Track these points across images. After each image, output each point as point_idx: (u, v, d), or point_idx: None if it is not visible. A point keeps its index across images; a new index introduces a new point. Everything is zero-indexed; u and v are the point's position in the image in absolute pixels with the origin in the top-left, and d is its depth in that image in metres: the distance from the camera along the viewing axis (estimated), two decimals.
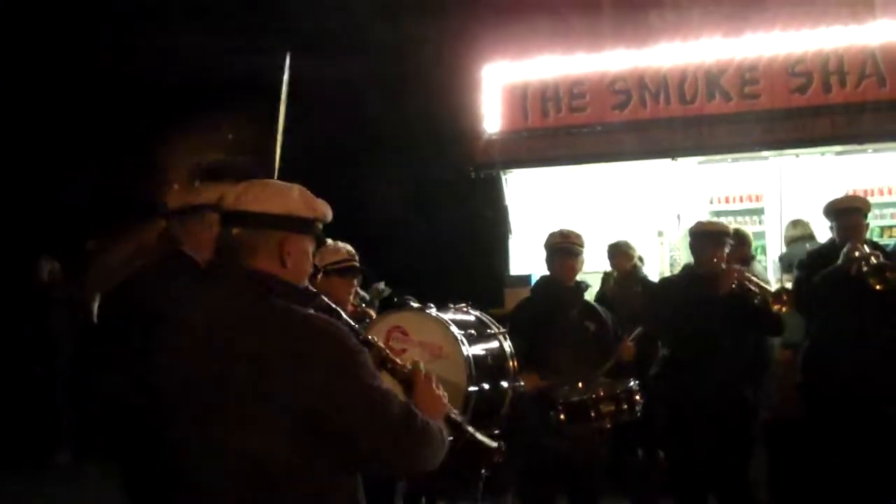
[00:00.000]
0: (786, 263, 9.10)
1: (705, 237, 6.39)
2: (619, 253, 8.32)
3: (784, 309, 6.16)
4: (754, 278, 6.43)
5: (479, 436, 3.07)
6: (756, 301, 6.15)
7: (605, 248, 8.32)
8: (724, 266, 6.18)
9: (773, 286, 6.63)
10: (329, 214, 2.79)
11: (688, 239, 6.60)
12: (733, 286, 6.11)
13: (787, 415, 7.11)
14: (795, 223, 9.55)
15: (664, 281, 6.86)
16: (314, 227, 2.74)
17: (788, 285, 6.60)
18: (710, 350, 6.07)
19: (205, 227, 3.81)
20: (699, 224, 6.68)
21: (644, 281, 8.33)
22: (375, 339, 3.01)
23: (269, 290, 2.59)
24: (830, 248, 6.52)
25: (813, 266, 6.49)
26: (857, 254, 6.11)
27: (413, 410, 2.59)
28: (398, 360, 2.93)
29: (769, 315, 6.19)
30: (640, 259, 8.52)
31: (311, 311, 2.62)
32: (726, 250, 6.31)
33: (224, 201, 2.71)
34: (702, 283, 6.19)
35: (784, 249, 9.57)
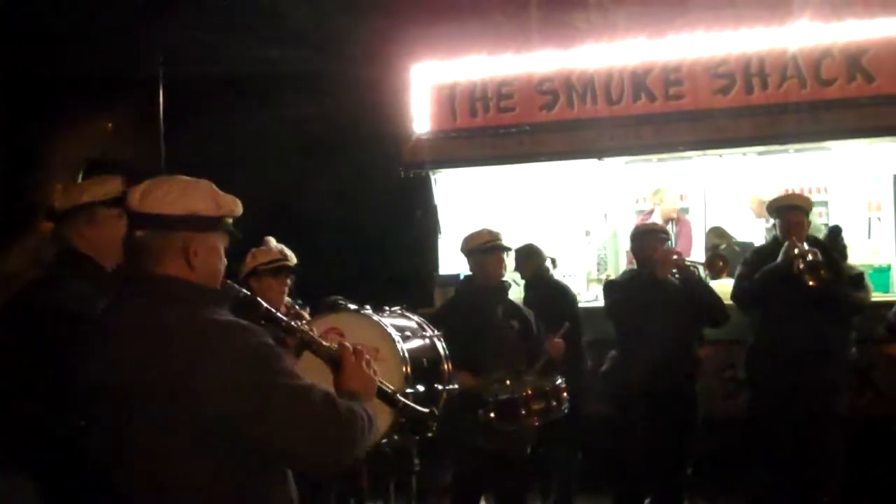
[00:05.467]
0: None
1: (644, 236, 6.58)
2: (526, 256, 8.32)
3: (722, 275, 6.32)
4: (688, 258, 6.65)
5: (412, 405, 3.08)
6: (697, 276, 6.34)
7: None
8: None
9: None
10: (237, 209, 2.73)
11: (616, 239, 6.77)
12: (675, 273, 6.29)
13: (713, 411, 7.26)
14: (717, 232, 9.75)
15: (609, 282, 6.99)
16: (221, 223, 2.68)
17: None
18: (658, 342, 6.21)
19: (95, 226, 3.66)
20: (639, 225, 6.94)
21: (550, 283, 8.31)
22: (297, 323, 2.99)
23: (174, 296, 2.54)
24: (773, 246, 6.68)
25: (756, 263, 6.65)
26: (795, 251, 6.27)
27: (335, 402, 2.54)
28: (323, 342, 2.89)
29: (712, 294, 6.37)
30: (553, 262, 8.56)
31: (220, 316, 2.56)
32: (665, 246, 6.53)
33: (128, 202, 2.62)
34: (644, 277, 6.36)
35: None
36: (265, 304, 2.90)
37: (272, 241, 5.49)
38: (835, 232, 7.17)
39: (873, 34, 9.35)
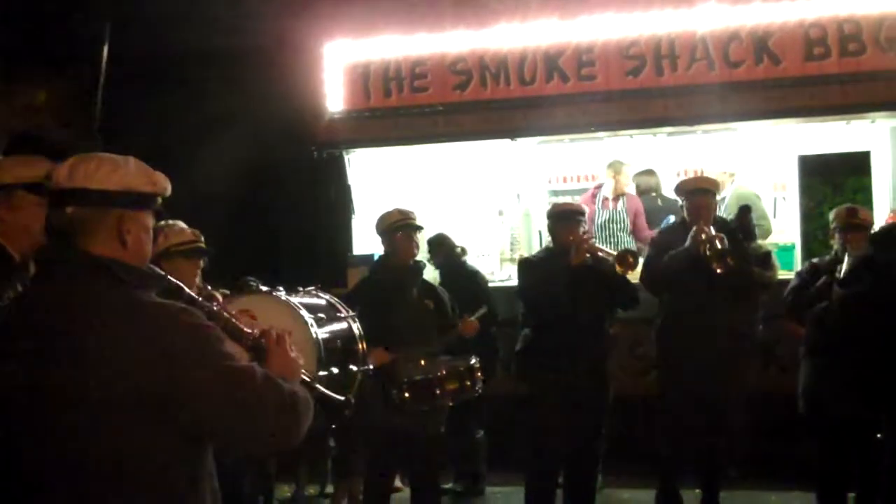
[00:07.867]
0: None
1: (561, 217, 6.59)
2: (437, 245, 8.37)
3: (629, 272, 6.37)
4: (603, 247, 6.69)
5: (328, 392, 3.04)
6: (610, 265, 6.38)
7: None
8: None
9: None
10: (168, 188, 2.66)
11: (528, 219, 6.77)
12: (588, 257, 6.32)
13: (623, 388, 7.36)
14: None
15: (524, 261, 7.01)
16: (153, 201, 2.61)
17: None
18: (571, 323, 6.25)
19: (13, 210, 3.48)
20: (555, 206, 6.92)
21: (463, 268, 8.37)
22: (219, 308, 2.91)
23: (113, 276, 2.45)
24: (680, 228, 6.76)
25: (663, 245, 6.72)
26: (703, 236, 6.36)
27: (276, 382, 2.51)
28: (245, 329, 2.83)
29: (620, 280, 6.42)
30: (463, 250, 8.59)
31: (157, 298, 2.50)
32: (581, 228, 6.54)
33: (53, 178, 2.51)
34: (558, 259, 6.37)
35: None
36: (188, 290, 2.82)
37: (174, 222, 5.32)
38: (744, 212, 7.29)
39: (780, 17, 9.55)
